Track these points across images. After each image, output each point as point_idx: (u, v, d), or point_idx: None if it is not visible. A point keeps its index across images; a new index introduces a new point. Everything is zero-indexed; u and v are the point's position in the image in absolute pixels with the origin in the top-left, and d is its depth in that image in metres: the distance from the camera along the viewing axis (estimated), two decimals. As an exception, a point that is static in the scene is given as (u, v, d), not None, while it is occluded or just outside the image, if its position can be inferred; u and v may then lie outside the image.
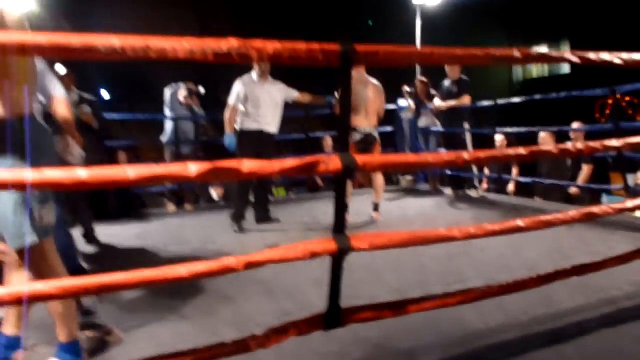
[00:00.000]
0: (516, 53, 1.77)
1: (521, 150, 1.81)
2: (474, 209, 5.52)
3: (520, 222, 1.89)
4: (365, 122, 4.93)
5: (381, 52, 1.57)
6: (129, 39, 1.30)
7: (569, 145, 2.04)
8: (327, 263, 1.70)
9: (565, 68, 20.72)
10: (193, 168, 1.36)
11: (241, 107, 4.85)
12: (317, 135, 7.93)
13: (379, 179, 5.14)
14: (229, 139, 4.87)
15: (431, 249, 3.53)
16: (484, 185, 7.10)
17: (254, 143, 4.79)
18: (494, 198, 6.19)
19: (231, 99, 4.88)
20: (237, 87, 4.87)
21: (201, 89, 6.30)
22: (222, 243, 4.31)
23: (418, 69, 8.05)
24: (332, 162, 1.52)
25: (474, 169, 6.43)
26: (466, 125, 6.28)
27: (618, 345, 2.13)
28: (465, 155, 1.72)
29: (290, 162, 1.49)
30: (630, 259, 2.31)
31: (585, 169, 5.82)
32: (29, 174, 1.26)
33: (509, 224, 1.89)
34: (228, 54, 1.41)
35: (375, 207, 5.07)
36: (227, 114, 4.88)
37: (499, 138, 6.99)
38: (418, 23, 8.58)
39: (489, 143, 7.09)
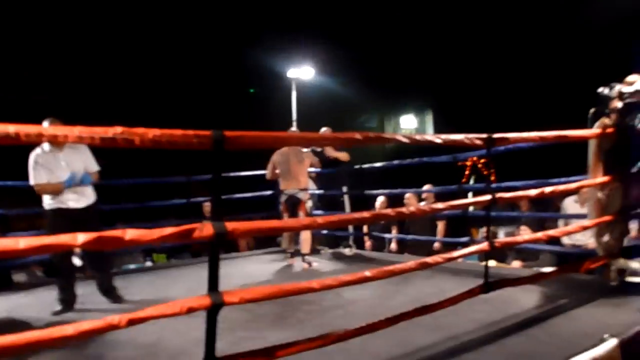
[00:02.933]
0: (358, 136, 2.22)
1: (365, 214, 2.23)
2: (347, 266, 5.96)
3: (367, 273, 2.28)
4: (290, 185, 5.85)
5: (247, 137, 1.91)
6: (25, 127, 1.51)
7: (420, 205, 2.50)
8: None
9: (430, 130, 23.17)
10: (81, 238, 1.56)
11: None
12: (199, 200, 8.02)
13: (305, 233, 5.91)
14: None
15: (308, 305, 3.89)
16: (367, 243, 7.64)
17: (61, 223, 4.13)
18: (366, 255, 6.72)
19: (31, 179, 4.21)
20: (31, 162, 4.21)
21: None
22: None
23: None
24: (205, 229, 1.79)
25: (350, 228, 6.94)
26: (344, 188, 6.83)
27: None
28: (319, 220, 2.09)
29: (168, 230, 1.74)
30: (460, 300, 2.81)
31: (440, 225, 6.64)
32: None
33: (359, 275, 2.28)
34: (113, 139, 1.66)
35: (303, 259, 5.88)
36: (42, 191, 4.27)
37: (381, 199, 7.60)
38: (294, 95, 9.28)
39: (367, 202, 7.71)
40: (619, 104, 3.68)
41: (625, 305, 3.44)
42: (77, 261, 6.45)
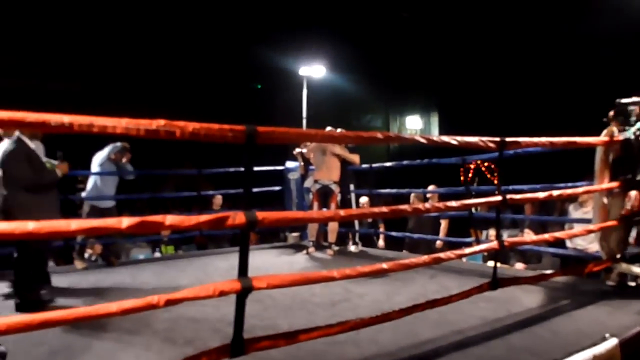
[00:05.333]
0: (379, 135, 2.33)
1: (384, 209, 2.35)
2: (354, 262, 6.08)
3: (384, 265, 2.40)
4: (324, 176, 6.17)
5: (277, 132, 2.03)
6: (78, 117, 1.63)
7: (421, 205, 2.62)
8: (224, 312, 2.00)
9: (435, 132, 23.20)
10: (125, 222, 1.68)
11: None
12: (208, 194, 8.15)
13: (333, 224, 6.41)
14: None
15: (317, 297, 4.01)
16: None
17: None
18: (371, 252, 6.84)
19: None
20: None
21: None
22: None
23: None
24: (238, 217, 1.91)
25: (356, 226, 7.06)
26: (351, 187, 6.96)
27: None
28: (342, 212, 2.21)
29: (204, 217, 1.86)
30: (469, 294, 2.93)
31: (443, 224, 6.80)
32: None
33: (377, 267, 2.39)
34: (157, 131, 1.77)
35: (330, 246, 6.45)
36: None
37: (364, 200, 7.75)
38: (304, 93, 9.38)
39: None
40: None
41: (626, 308, 3.56)
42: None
